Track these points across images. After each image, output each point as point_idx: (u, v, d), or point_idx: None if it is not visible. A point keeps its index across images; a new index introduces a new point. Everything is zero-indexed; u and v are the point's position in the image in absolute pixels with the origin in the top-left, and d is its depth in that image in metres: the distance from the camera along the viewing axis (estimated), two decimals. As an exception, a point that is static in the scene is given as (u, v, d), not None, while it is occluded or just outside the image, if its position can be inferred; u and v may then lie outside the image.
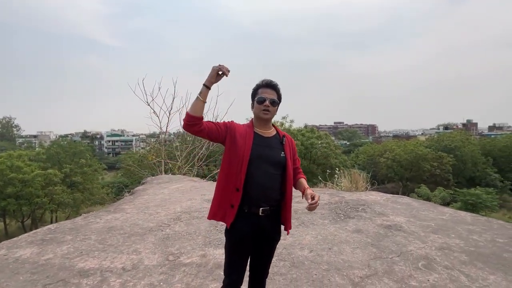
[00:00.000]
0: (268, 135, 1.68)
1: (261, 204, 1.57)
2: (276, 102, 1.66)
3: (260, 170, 1.57)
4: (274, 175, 1.61)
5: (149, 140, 27.73)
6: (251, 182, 1.55)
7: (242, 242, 1.58)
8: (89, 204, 24.86)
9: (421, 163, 27.77)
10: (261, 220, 1.58)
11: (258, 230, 1.59)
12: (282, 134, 1.72)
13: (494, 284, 2.29)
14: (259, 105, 1.63)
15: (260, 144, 1.61)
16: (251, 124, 1.70)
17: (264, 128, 1.68)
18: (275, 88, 1.68)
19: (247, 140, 1.59)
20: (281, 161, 1.63)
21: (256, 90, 1.69)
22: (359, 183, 6.28)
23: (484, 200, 17.07)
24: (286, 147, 1.67)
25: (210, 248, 2.94)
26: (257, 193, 1.56)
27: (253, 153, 1.57)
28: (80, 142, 40.63)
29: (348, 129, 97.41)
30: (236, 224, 1.57)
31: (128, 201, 5.01)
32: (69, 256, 2.76)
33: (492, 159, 32.28)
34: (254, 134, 1.63)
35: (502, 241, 3.12)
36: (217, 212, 1.62)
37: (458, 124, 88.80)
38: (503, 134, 51.08)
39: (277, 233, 1.68)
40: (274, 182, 1.61)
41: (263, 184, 1.57)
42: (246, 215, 1.57)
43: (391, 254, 2.80)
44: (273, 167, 1.60)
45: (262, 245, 1.65)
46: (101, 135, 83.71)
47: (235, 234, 1.58)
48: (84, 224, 3.73)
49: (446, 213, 4.17)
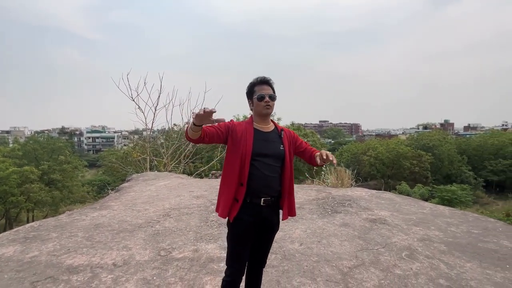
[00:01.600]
0: (267, 130, 1.74)
1: (263, 195, 1.64)
2: (274, 97, 1.72)
3: (261, 163, 1.64)
4: (275, 167, 1.68)
5: (133, 136, 27.04)
6: (255, 176, 1.62)
7: (245, 232, 1.64)
8: (68, 203, 23.92)
9: (402, 161, 28.84)
10: (262, 210, 1.65)
11: (260, 219, 1.66)
12: (281, 128, 1.79)
13: (470, 271, 2.46)
14: (260, 102, 1.68)
15: (261, 138, 1.68)
16: (250, 121, 1.75)
17: (264, 123, 1.74)
18: (270, 84, 1.73)
19: (248, 137, 1.65)
20: (280, 154, 1.70)
21: (252, 88, 1.72)
22: (345, 179, 6.46)
23: (459, 196, 18.06)
24: (284, 140, 1.74)
25: (202, 243, 2.96)
26: (259, 185, 1.63)
27: (254, 148, 1.63)
28: (58, 138, 38.89)
29: (333, 128, 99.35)
30: (239, 215, 1.62)
31: (114, 198, 4.91)
32: (55, 254, 2.68)
33: (467, 157, 34.05)
34: (254, 130, 1.69)
35: (477, 232, 3.34)
36: (225, 208, 1.66)
37: (437, 124, 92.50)
38: (476, 134, 53.94)
39: (276, 222, 1.75)
40: (274, 174, 1.67)
41: (265, 176, 1.64)
42: (249, 205, 1.63)
43: (377, 246, 2.93)
44: (273, 160, 1.67)
45: (262, 234, 1.72)
46: (81, 131, 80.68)
47: (239, 225, 1.63)
48: (69, 221, 3.62)
49: (426, 207, 4.40)
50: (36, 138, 30.83)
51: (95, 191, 27.01)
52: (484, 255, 2.77)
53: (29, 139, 30.20)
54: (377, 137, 58.63)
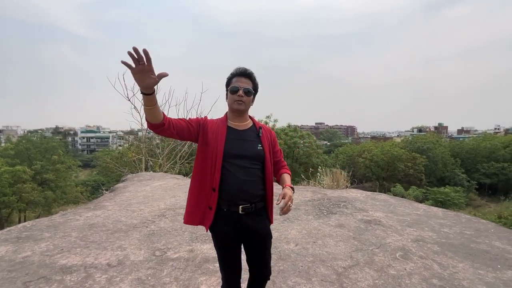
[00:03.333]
0: (243, 128, 1.55)
1: (240, 202, 1.45)
2: (251, 92, 1.50)
3: (236, 166, 1.45)
4: (252, 169, 1.48)
5: (128, 137, 26.84)
6: (228, 180, 1.44)
7: (225, 242, 1.47)
8: (61, 203, 23.60)
9: (397, 163, 29.11)
10: (242, 219, 1.46)
11: (242, 229, 1.47)
12: (259, 125, 1.60)
13: (462, 271, 2.50)
14: (232, 95, 1.49)
15: (234, 138, 1.49)
16: (224, 118, 1.56)
17: (239, 120, 1.54)
18: (250, 77, 1.52)
19: (219, 136, 1.47)
20: (259, 154, 1.50)
21: (230, 80, 1.52)
22: (340, 181, 6.51)
23: (452, 198, 18.31)
24: (263, 139, 1.55)
25: (198, 243, 2.95)
26: (235, 191, 1.44)
27: (226, 149, 1.45)
28: (52, 137, 38.40)
29: (329, 130, 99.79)
30: (216, 225, 1.47)
31: (109, 198, 4.87)
32: (49, 254, 2.65)
33: (460, 160, 34.51)
34: (227, 128, 1.51)
35: (469, 233, 3.39)
36: (194, 215, 1.50)
37: (431, 127, 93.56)
38: (470, 137, 54.69)
39: (264, 230, 1.54)
40: (253, 177, 1.48)
41: (241, 181, 1.44)
42: (226, 214, 1.46)
43: (371, 246, 2.96)
44: (250, 161, 1.48)
45: (251, 243, 1.54)
46: (75, 131, 79.89)
47: (217, 235, 1.48)
48: (62, 221, 3.58)
49: (420, 208, 4.45)
50: (29, 137, 30.40)
51: (89, 191, 26.70)
52: (476, 255, 2.81)
53: (22, 138, 29.75)
54: (373, 139, 59.20)
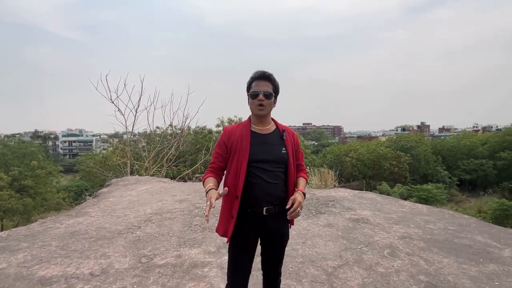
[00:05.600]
0: (266, 132, 1.57)
1: (265, 204, 1.49)
2: (272, 95, 1.52)
3: (261, 170, 1.49)
4: (276, 172, 1.52)
5: (112, 140, 26.11)
6: (253, 183, 1.48)
7: (246, 244, 1.52)
8: (42, 211, 22.60)
9: (382, 162, 29.80)
10: (266, 220, 1.51)
11: (264, 229, 1.53)
12: (282, 128, 1.61)
13: (447, 266, 2.56)
14: (253, 100, 1.52)
15: (259, 143, 1.52)
16: (247, 122, 1.59)
17: (262, 124, 1.57)
18: (270, 79, 1.53)
19: (243, 143, 1.50)
20: (283, 158, 1.53)
21: (250, 84, 1.55)
22: (328, 180, 6.58)
23: (434, 194, 18.90)
24: (287, 142, 1.57)
25: (185, 248, 2.87)
26: (260, 194, 1.48)
27: (251, 155, 1.49)
28: (31, 142, 36.78)
29: (316, 130, 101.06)
30: (237, 231, 1.50)
31: (92, 204, 4.68)
32: (26, 265, 2.50)
33: (441, 157, 35.75)
34: (251, 133, 1.54)
35: (452, 229, 3.49)
36: (220, 224, 1.55)
37: (414, 126, 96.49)
38: (450, 135, 56.90)
39: (284, 230, 1.59)
40: (277, 180, 1.52)
41: (266, 184, 1.49)
42: (250, 215, 1.50)
43: (360, 245, 2.99)
44: (275, 165, 1.51)
45: (270, 244, 1.59)
46: (56, 135, 76.99)
47: (240, 237, 1.51)
48: (42, 230, 3.41)
49: (406, 206, 4.55)
50: (5, 142, 28.96)
51: (72, 197, 25.74)
52: (460, 250, 2.89)
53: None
54: (359, 139, 60.46)
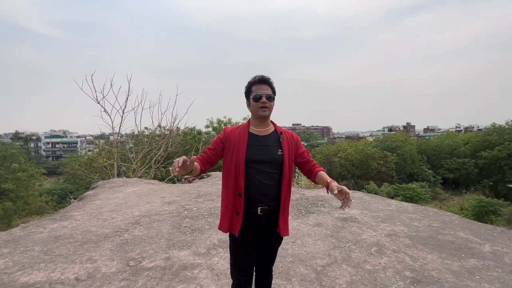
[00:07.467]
0: (264, 134, 1.63)
1: (259, 204, 1.55)
2: (272, 97, 1.60)
3: (257, 170, 1.54)
4: (272, 173, 1.57)
5: (98, 141, 25.44)
6: (250, 184, 1.53)
7: (248, 244, 1.57)
8: (23, 215, 21.69)
9: (370, 162, 30.38)
10: (260, 219, 1.56)
11: (258, 229, 1.58)
12: (280, 130, 1.66)
13: (431, 262, 2.64)
14: (256, 103, 1.57)
15: (256, 144, 1.58)
16: (246, 125, 1.65)
17: (261, 126, 1.63)
18: (268, 83, 1.61)
19: (241, 144, 1.56)
20: (278, 160, 1.58)
21: (249, 88, 1.62)
22: (317, 180, 6.65)
23: (419, 193, 19.43)
24: (284, 144, 1.62)
25: (175, 250, 2.84)
26: (256, 194, 1.54)
27: (248, 155, 1.54)
28: (11, 144, 35.31)
29: (305, 130, 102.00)
30: (242, 228, 1.55)
31: (77, 208, 4.56)
32: (7, 271, 2.41)
33: (426, 157, 36.82)
34: (248, 135, 1.60)
35: (436, 226, 3.61)
36: (223, 222, 1.59)
37: (400, 126, 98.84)
38: (435, 135, 58.66)
39: (277, 230, 1.62)
40: (273, 181, 1.57)
41: (261, 185, 1.54)
42: (246, 215, 1.55)
43: (348, 243, 3.04)
44: (270, 166, 1.56)
45: (264, 244, 1.63)
46: (38, 136, 74.40)
47: (242, 237, 1.55)
48: (23, 235, 3.29)
49: (392, 204, 4.67)
50: (-16, 144, 27.76)
51: (56, 200, 24.88)
52: (443, 246, 2.99)
53: (-24, 145, 27.08)
54: (347, 139, 61.40)
